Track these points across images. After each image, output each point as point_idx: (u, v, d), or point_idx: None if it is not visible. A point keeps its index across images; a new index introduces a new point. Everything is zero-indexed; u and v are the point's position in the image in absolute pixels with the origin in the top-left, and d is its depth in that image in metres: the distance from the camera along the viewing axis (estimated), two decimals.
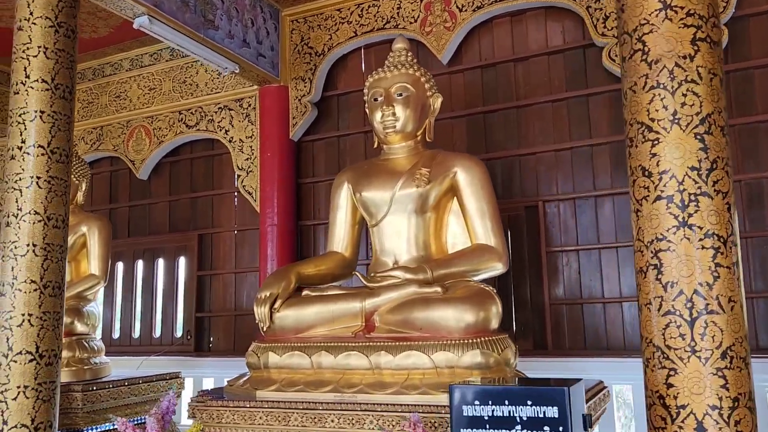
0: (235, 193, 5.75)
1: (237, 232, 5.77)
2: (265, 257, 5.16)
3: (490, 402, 1.86)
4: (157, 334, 5.98)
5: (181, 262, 5.99)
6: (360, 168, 3.72)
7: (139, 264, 6.18)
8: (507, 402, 1.84)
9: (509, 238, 4.47)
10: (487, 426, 1.87)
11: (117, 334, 6.16)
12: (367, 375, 2.89)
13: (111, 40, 5.85)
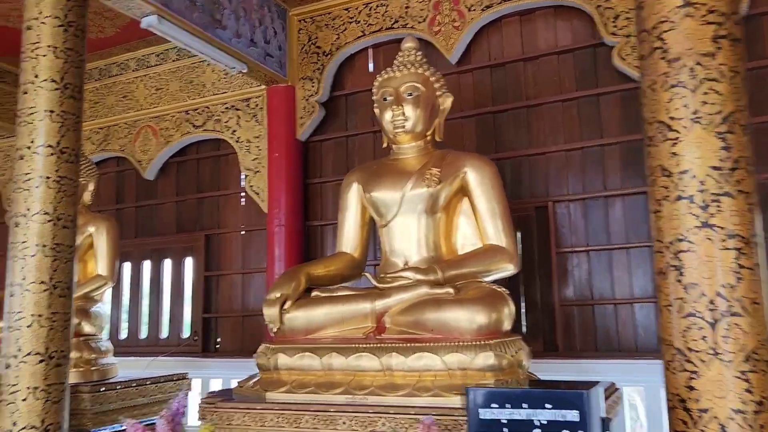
0: (242, 194, 5.73)
1: (244, 232, 5.75)
2: (273, 258, 5.14)
3: (508, 405, 1.83)
4: (164, 334, 5.96)
5: (188, 262, 5.97)
6: (369, 168, 3.69)
7: (146, 264, 6.17)
8: (525, 405, 1.81)
9: (519, 238, 4.44)
10: (505, 429, 1.84)
11: (124, 334, 6.14)
12: (379, 377, 2.86)
13: (117, 40, 5.84)
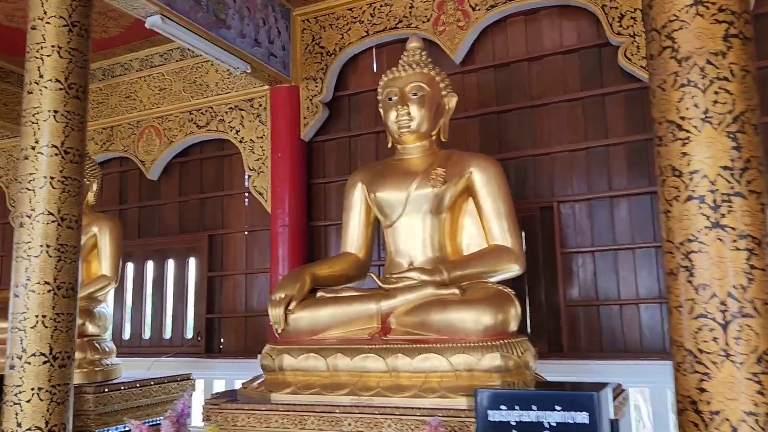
0: (246, 194, 5.73)
1: (248, 232, 5.75)
2: (276, 258, 5.13)
3: (516, 407, 1.82)
4: (168, 335, 5.96)
5: (192, 263, 5.97)
6: (374, 168, 3.68)
7: (149, 265, 6.16)
8: (535, 407, 1.79)
9: (524, 239, 4.42)
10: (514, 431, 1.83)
11: (127, 335, 6.14)
12: (384, 378, 2.84)
13: (121, 40, 5.84)
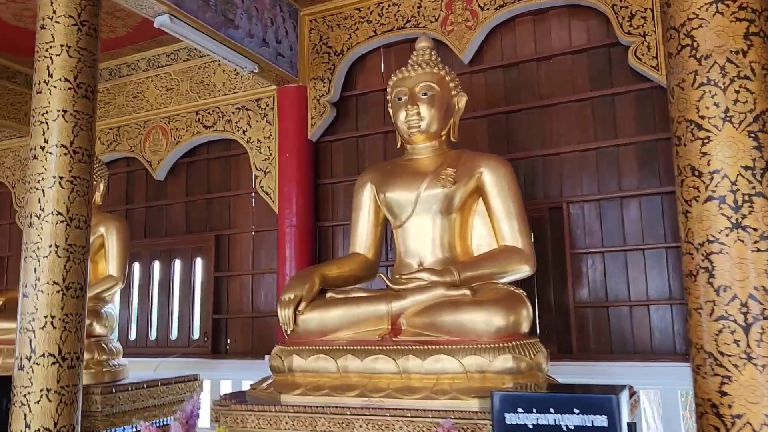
0: (253, 194, 5.71)
1: (254, 233, 5.73)
2: (284, 258, 5.11)
3: (534, 410, 1.79)
4: (174, 335, 5.94)
5: (198, 263, 5.95)
6: (383, 168, 3.66)
7: (156, 265, 6.15)
8: (552, 410, 1.77)
9: (533, 240, 4.39)
10: None
11: (133, 335, 6.12)
12: (395, 379, 2.82)
13: (128, 40, 5.83)
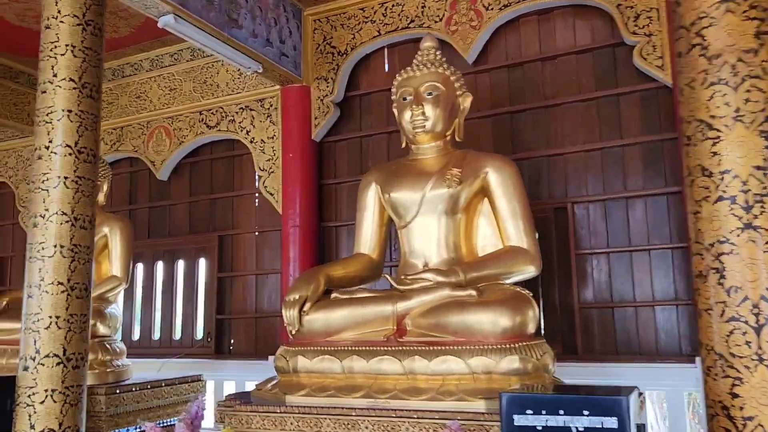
0: (256, 194, 5.69)
1: (258, 233, 5.72)
2: (287, 259, 5.09)
3: (543, 411, 1.78)
4: (177, 336, 5.93)
5: (201, 263, 5.94)
6: (388, 168, 3.65)
7: (159, 265, 6.14)
8: (562, 412, 1.75)
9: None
10: None
11: (137, 336, 6.12)
12: (401, 380, 2.81)
13: (132, 40, 5.82)
